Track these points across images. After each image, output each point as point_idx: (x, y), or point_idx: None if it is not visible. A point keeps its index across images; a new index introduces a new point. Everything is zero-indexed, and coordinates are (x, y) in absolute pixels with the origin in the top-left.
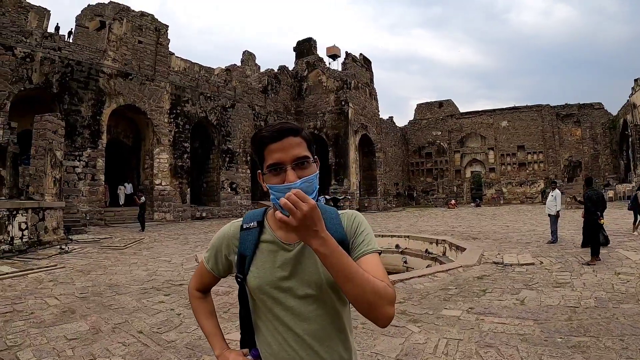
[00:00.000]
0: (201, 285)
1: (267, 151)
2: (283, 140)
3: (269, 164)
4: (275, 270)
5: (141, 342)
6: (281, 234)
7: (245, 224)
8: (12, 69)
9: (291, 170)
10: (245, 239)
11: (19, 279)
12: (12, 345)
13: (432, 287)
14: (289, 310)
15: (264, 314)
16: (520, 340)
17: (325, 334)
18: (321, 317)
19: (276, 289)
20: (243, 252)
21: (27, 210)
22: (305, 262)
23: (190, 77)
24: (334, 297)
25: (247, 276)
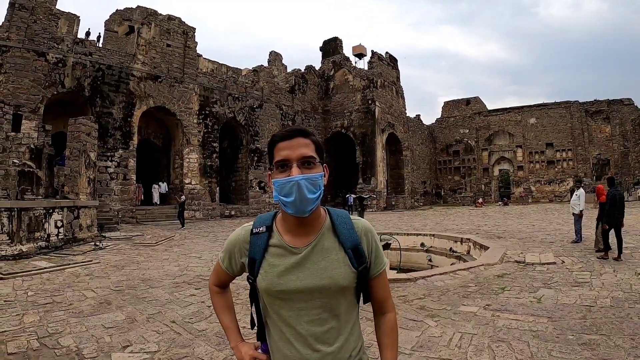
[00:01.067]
0: (218, 282)
1: (276, 149)
2: (292, 140)
3: (276, 160)
4: (282, 273)
5: (174, 330)
6: (289, 238)
7: (255, 229)
8: (45, 74)
9: (296, 167)
10: (255, 243)
11: (57, 273)
12: (54, 332)
13: (453, 284)
14: (294, 312)
15: (271, 313)
16: (532, 337)
17: (327, 335)
18: (325, 320)
19: (283, 292)
20: (253, 256)
21: (63, 209)
22: (314, 266)
23: (218, 78)
24: (341, 301)
25: (257, 278)
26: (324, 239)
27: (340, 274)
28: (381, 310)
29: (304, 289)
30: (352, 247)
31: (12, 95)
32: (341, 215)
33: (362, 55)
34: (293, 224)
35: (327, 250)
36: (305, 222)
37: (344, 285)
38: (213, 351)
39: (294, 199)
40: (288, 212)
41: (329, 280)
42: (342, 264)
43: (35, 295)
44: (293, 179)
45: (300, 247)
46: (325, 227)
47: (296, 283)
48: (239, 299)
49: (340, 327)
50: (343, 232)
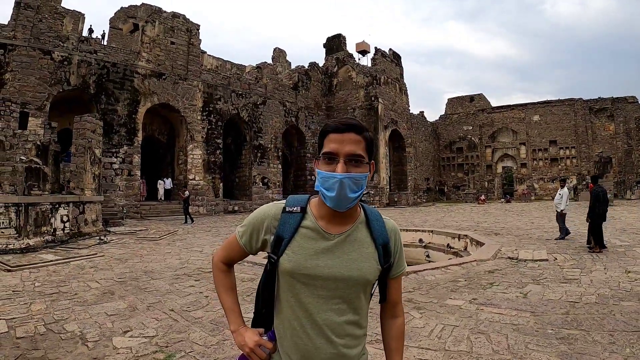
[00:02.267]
0: (228, 259)
1: (327, 139)
2: (344, 134)
3: (324, 151)
4: (311, 257)
5: (172, 318)
6: (323, 223)
7: (289, 207)
8: (50, 72)
9: (342, 163)
10: (286, 222)
11: (63, 265)
12: (59, 319)
13: (443, 278)
14: (314, 298)
15: (288, 297)
16: (512, 330)
17: (342, 327)
18: (343, 312)
19: (308, 276)
20: (281, 234)
21: (69, 204)
22: (344, 255)
23: (222, 75)
24: (360, 295)
25: (281, 258)
26: (357, 231)
27: (369, 268)
28: (393, 313)
29: (330, 277)
30: (382, 244)
31: (19, 93)
32: (374, 212)
33: (365, 52)
34: (329, 211)
35: (360, 242)
36: (342, 213)
37: (369, 280)
38: (207, 336)
39: (334, 195)
40: (327, 203)
41: (357, 272)
42: (372, 258)
43: (42, 286)
44: (335, 176)
45: (334, 233)
46: (359, 220)
47: (324, 270)
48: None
49: (356, 320)
50: (376, 228)
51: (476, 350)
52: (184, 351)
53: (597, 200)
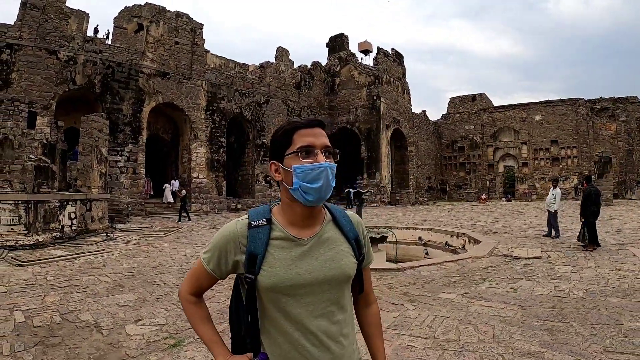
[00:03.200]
0: (196, 289)
1: (297, 135)
2: (314, 128)
3: (300, 145)
4: (289, 266)
5: (180, 308)
6: (292, 230)
7: (254, 222)
8: (56, 72)
9: (321, 154)
10: (255, 237)
11: (72, 261)
12: (73, 310)
13: (438, 274)
14: (303, 307)
15: (274, 314)
16: (499, 321)
17: (337, 329)
18: (334, 313)
19: (292, 286)
20: (253, 251)
21: (76, 202)
22: (321, 256)
23: (225, 74)
24: (345, 292)
25: (259, 276)
26: (327, 230)
27: (348, 264)
28: (366, 301)
29: (314, 281)
30: (354, 238)
31: (25, 93)
32: (338, 209)
33: (368, 51)
34: (300, 215)
35: (332, 240)
36: (311, 214)
37: (351, 275)
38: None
39: (320, 185)
40: (308, 199)
41: (338, 271)
42: (348, 254)
43: (54, 279)
44: (322, 165)
45: (305, 238)
46: (327, 219)
47: (306, 276)
48: None
49: (346, 318)
50: (344, 224)
51: (463, 339)
52: (192, 337)
53: (589, 199)
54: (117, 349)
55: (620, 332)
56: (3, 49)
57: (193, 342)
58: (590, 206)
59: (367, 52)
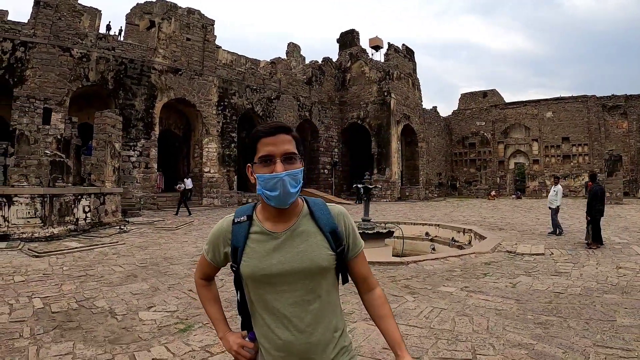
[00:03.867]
0: (204, 275)
1: (260, 144)
2: (276, 136)
3: (260, 155)
4: (264, 257)
5: (190, 296)
6: (269, 225)
7: (237, 219)
8: (70, 69)
9: (280, 162)
10: (237, 232)
11: (87, 252)
12: (89, 297)
13: (440, 268)
14: (278, 294)
15: (256, 300)
16: (494, 314)
17: (311, 316)
18: (309, 302)
19: (267, 275)
20: (235, 244)
21: (90, 195)
22: (293, 249)
23: (236, 70)
24: (322, 282)
25: (240, 265)
26: (302, 224)
27: (320, 256)
28: (367, 287)
29: (286, 272)
30: (330, 231)
31: (39, 89)
32: (317, 203)
33: (378, 47)
34: (273, 212)
35: (306, 233)
36: (285, 211)
37: (324, 267)
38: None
39: (278, 194)
40: (270, 204)
41: (309, 262)
42: (321, 246)
43: (69, 269)
44: (278, 175)
45: (280, 232)
46: (302, 213)
47: (278, 266)
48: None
49: (322, 307)
50: (321, 217)
51: (458, 329)
52: (201, 322)
53: (595, 198)
54: (130, 333)
55: (613, 328)
56: (17, 46)
57: (202, 327)
58: (597, 205)
59: (378, 48)
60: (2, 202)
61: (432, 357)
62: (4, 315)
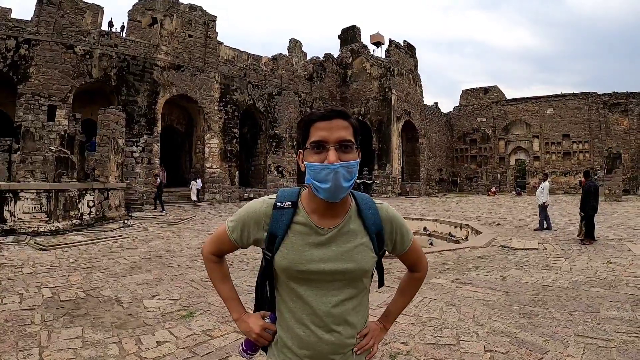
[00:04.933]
0: (218, 251)
1: (313, 128)
2: (332, 121)
3: (312, 140)
4: (305, 253)
5: (192, 286)
6: (315, 217)
7: (280, 203)
8: (73, 66)
9: (333, 150)
10: (278, 219)
11: (92, 245)
12: (96, 287)
13: (434, 262)
14: (313, 291)
15: (286, 292)
16: (482, 304)
17: (344, 317)
18: (342, 302)
19: (304, 272)
20: (274, 232)
21: (94, 191)
22: (338, 248)
23: (238, 67)
24: (359, 285)
25: (276, 255)
26: (350, 222)
27: (364, 258)
28: (412, 270)
29: (326, 271)
30: (376, 232)
31: (43, 86)
32: (366, 200)
33: (380, 43)
34: (322, 205)
35: (353, 233)
36: (334, 205)
37: (367, 269)
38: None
39: (329, 187)
40: (320, 196)
41: (353, 264)
42: (367, 248)
43: (76, 262)
44: (331, 166)
45: (326, 228)
46: (352, 211)
47: (319, 265)
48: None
49: (356, 309)
50: (368, 217)
51: (445, 318)
52: (202, 310)
53: (589, 194)
54: (136, 319)
55: (595, 320)
56: (21, 44)
57: (203, 314)
58: (591, 201)
59: (379, 44)
60: (8, 197)
61: (418, 343)
62: (14, 304)
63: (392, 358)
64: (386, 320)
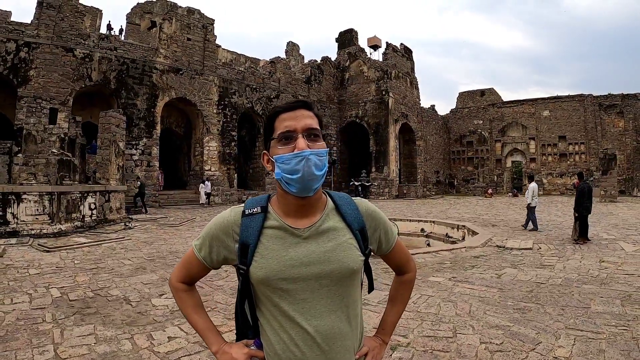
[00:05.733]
0: (187, 278)
1: (278, 120)
2: (296, 111)
3: (279, 132)
4: (283, 258)
5: (198, 286)
6: (289, 219)
7: (248, 210)
8: (73, 69)
9: (302, 138)
10: (248, 226)
11: (95, 247)
12: (103, 287)
13: (432, 261)
14: (299, 305)
15: (267, 309)
16: (477, 300)
17: (338, 332)
18: (333, 313)
19: (285, 280)
20: (245, 240)
21: (96, 193)
22: (319, 248)
23: (236, 70)
24: (350, 289)
25: (251, 267)
26: (329, 220)
27: (350, 257)
28: (400, 272)
29: (310, 276)
30: (359, 229)
31: (43, 89)
32: (343, 197)
33: (377, 46)
34: (294, 205)
35: (333, 230)
36: (308, 203)
37: (355, 269)
38: (227, 297)
39: (300, 175)
40: (291, 190)
41: (338, 264)
42: (351, 245)
43: (81, 263)
44: (301, 153)
45: (302, 228)
46: (328, 208)
47: (301, 270)
48: None
49: (349, 320)
50: (348, 213)
51: (442, 313)
52: (209, 307)
53: (582, 195)
54: (145, 316)
55: (586, 314)
56: (21, 47)
57: (210, 311)
58: (584, 202)
59: (376, 47)
60: (11, 199)
61: (417, 336)
62: (24, 303)
63: (393, 350)
64: (384, 334)
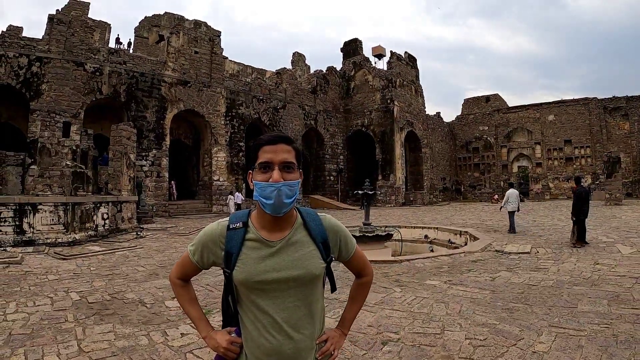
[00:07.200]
0: (183, 275)
1: (261, 151)
2: (277, 145)
3: (260, 161)
4: (259, 265)
5: (208, 289)
6: (265, 233)
7: (232, 224)
8: (84, 82)
9: (277, 170)
10: (232, 238)
11: (109, 255)
12: (119, 291)
13: (430, 265)
14: (271, 300)
15: (246, 304)
16: (469, 301)
17: (300, 322)
18: (298, 308)
19: (261, 282)
20: (229, 250)
21: (108, 203)
22: (288, 257)
23: (243, 81)
24: (313, 290)
25: (234, 271)
26: (297, 234)
27: (313, 264)
28: (359, 275)
29: (280, 279)
30: (322, 241)
31: (55, 102)
32: (310, 213)
33: (381, 55)
34: (269, 220)
35: (300, 243)
36: (281, 219)
37: (317, 275)
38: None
39: (273, 202)
40: (266, 210)
41: (303, 270)
42: (315, 256)
43: (97, 269)
44: (275, 185)
45: (275, 240)
46: (297, 223)
47: (272, 274)
48: None
49: (312, 313)
50: (313, 227)
51: (434, 313)
52: (219, 308)
53: (579, 199)
54: (160, 316)
55: (571, 314)
56: (33, 62)
57: (219, 312)
58: (582, 206)
59: (381, 56)
60: (27, 209)
61: (407, 332)
62: (47, 306)
63: (384, 344)
64: (343, 327)
